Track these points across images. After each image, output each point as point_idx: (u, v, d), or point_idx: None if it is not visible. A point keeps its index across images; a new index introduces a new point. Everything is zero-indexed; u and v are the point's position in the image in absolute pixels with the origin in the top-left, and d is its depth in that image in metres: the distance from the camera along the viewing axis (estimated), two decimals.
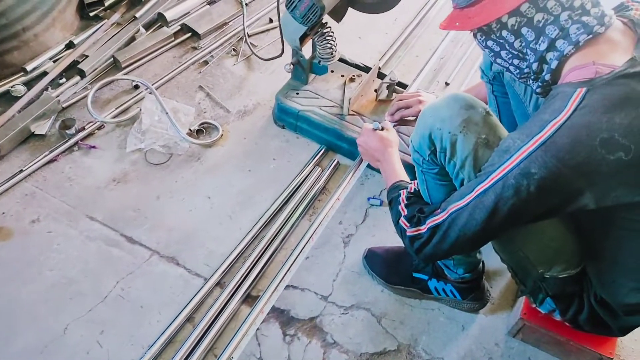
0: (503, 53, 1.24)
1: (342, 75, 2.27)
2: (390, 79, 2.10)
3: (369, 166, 2.06)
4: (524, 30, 1.17)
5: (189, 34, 2.58)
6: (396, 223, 1.36)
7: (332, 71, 2.27)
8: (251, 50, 2.47)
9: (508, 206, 1.11)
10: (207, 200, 1.94)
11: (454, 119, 1.28)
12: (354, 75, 2.24)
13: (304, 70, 2.14)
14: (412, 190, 1.43)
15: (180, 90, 2.34)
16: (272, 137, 2.18)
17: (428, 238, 1.25)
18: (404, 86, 2.22)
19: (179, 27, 2.58)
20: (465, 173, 1.27)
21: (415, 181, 1.45)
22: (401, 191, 1.43)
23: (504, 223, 1.14)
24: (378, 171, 1.96)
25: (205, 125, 2.19)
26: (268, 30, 2.67)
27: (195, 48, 2.53)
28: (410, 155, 1.43)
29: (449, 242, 1.22)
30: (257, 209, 1.92)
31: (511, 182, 1.10)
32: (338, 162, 2.09)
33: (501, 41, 1.22)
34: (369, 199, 1.99)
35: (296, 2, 1.79)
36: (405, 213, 1.35)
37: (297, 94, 2.16)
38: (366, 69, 2.29)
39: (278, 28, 2.53)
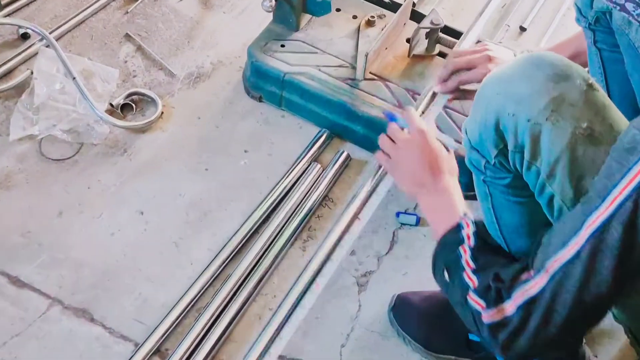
0: None
1: (355, 16, 2.24)
2: (431, 22, 2.09)
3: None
4: None
5: None
6: (462, 303, 1.30)
7: (338, 9, 2.25)
8: None
9: None
10: (138, 217, 1.94)
11: (535, 97, 1.27)
12: (373, 16, 2.23)
13: (292, 9, 2.13)
14: (474, 231, 1.40)
15: (95, 41, 2.31)
16: (243, 116, 2.17)
17: (521, 323, 1.20)
18: (454, 34, 2.21)
19: None
20: (557, 186, 1.28)
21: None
22: (461, 247, 1.39)
23: None
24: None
25: (135, 97, 2.18)
26: None
27: None
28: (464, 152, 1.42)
29: (558, 322, 1.16)
30: (220, 232, 1.91)
31: None
32: (349, 155, 2.09)
33: None
34: (398, 214, 1.99)
35: None
36: (476, 284, 1.29)
37: (283, 46, 2.15)
38: (393, 6, 2.26)
39: None
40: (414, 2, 2.27)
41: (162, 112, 2.15)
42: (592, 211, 1.12)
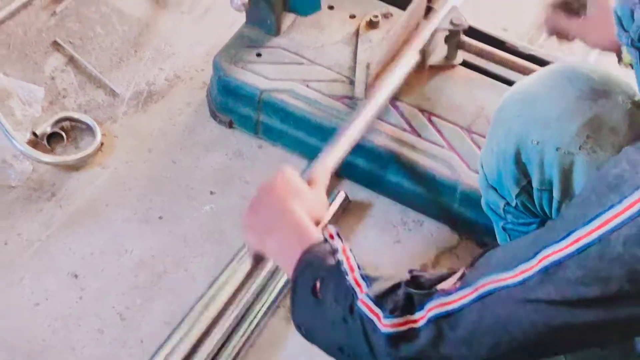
0: None
1: (353, 16, 2.26)
2: (451, 23, 2.11)
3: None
4: None
5: None
6: (342, 318, 1.30)
7: (330, 7, 2.26)
8: None
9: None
10: (71, 281, 1.94)
11: (566, 120, 1.30)
12: (376, 15, 2.24)
13: (270, 6, 2.14)
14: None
15: (13, 51, 2.32)
16: (208, 148, 2.18)
17: (431, 343, 1.22)
18: (481, 37, 2.23)
19: None
20: None
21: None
22: (341, 253, 1.37)
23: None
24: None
25: (66, 124, 2.18)
26: None
27: None
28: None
29: (483, 354, 1.20)
30: (178, 300, 1.91)
31: None
32: (347, 196, 2.10)
33: None
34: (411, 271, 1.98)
35: None
36: (366, 288, 1.30)
37: (259, 55, 2.16)
38: (402, 2, 2.27)
39: None
40: None
41: (102, 143, 2.15)
42: (549, 244, 1.15)
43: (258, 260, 1.59)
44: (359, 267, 1.33)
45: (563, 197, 1.33)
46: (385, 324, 1.25)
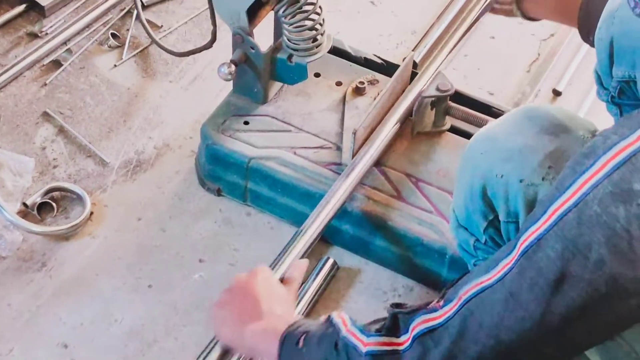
0: None
1: (339, 83, 2.29)
2: (438, 89, 2.13)
3: None
4: None
5: (22, 7, 2.61)
6: (327, 354, 1.35)
7: (317, 74, 2.29)
8: (149, 36, 2.50)
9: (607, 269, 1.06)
10: (61, 352, 1.92)
11: (528, 153, 1.33)
12: (362, 82, 2.27)
13: (257, 76, 2.16)
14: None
15: (4, 123, 2.34)
16: (197, 216, 2.18)
17: (416, 358, 1.22)
18: (468, 102, 2.24)
19: None
20: None
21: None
22: (334, 316, 1.43)
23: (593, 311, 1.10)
24: None
25: (56, 194, 2.19)
26: None
27: (35, 35, 2.56)
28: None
29: None
30: None
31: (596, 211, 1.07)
32: (335, 263, 2.10)
33: None
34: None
35: None
36: (349, 325, 1.36)
37: (247, 123, 2.18)
38: (387, 68, 2.30)
39: None
40: (415, 62, 2.31)
41: (92, 213, 2.15)
42: (527, 227, 1.14)
43: (226, 350, 1.66)
44: (351, 320, 1.37)
45: None
46: (368, 343, 1.27)
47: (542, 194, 1.31)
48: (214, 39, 2.20)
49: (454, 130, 2.22)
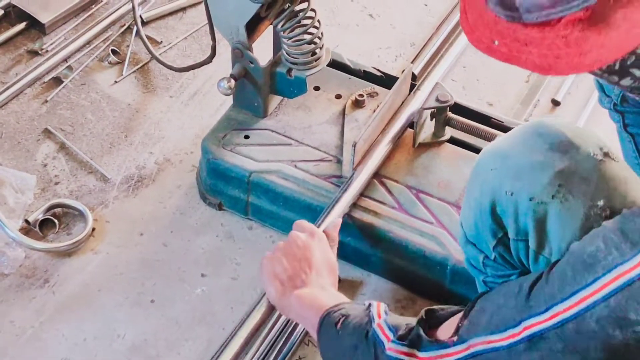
0: None
1: (338, 96, 2.28)
2: (437, 100, 2.12)
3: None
4: None
5: (23, 25, 2.62)
6: (355, 344, 1.43)
7: (316, 88, 2.29)
8: (149, 52, 2.50)
9: None
10: None
11: (538, 171, 1.33)
12: (361, 95, 2.26)
13: (257, 90, 2.16)
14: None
15: (5, 140, 2.34)
16: (199, 230, 2.18)
17: None
18: (468, 113, 2.24)
19: (2, 12, 2.62)
20: None
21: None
22: (375, 307, 1.50)
23: None
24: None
25: (58, 210, 2.19)
26: (181, 10, 2.72)
27: (36, 52, 2.57)
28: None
29: None
30: None
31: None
32: (338, 275, 2.08)
33: None
34: None
35: None
36: (385, 317, 1.43)
37: (247, 137, 2.18)
38: (386, 80, 2.30)
39: (204, 5, 2.57)
40: (413, 74, 2.30)
41: (94, 229, 2.15)
42: (531, 315, 1.20)
43: (272, 308, 1.79)
44: (386, 313, 1.47)
45: (539, 247, 1.35)
46: (390, 348, 1.35)
47: (552, 212, 1.31)
48: (213, 53, 2.20)
49: (454, 141, 2.21)
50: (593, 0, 1.01)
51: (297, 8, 1.99)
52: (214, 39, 2.14)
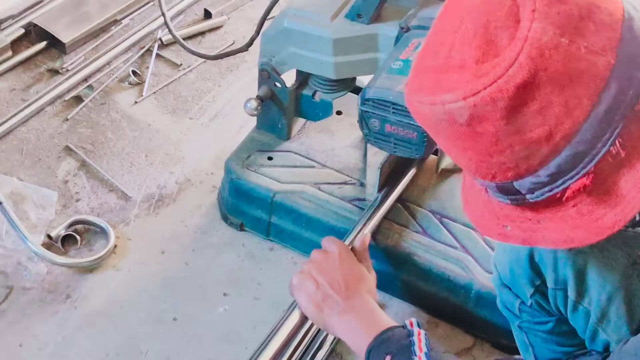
0: None
1: None
2: None
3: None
4: None
5: (44, 44, 2.65)
6: None
7: (338, 112, 2.29)
8: (180, 44, 2.57)
9: None
10: None
11: None
12: None
13: (282, 112, 2.17)
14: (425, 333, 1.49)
15: (27, 157, 2.34)
16: (220, 250, 2.18)
17: None
18: None
19: (23, 31, 2.64)
20: (612, 331, 1.30)
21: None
22: (415, 336, 1.47)
23: None
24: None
25: (80, 227, 2.19)
26: (200, 34, 2.76)
27: (56, 71, 2.59)
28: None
29: None
30: None
31: None
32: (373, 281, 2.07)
33: None
34: None
35: None
36: (423, 349, 1.41)
37: (271, 159, 2.18)
38: None
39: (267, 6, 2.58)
40: None
41: (115, 246, 2.15)
42: None
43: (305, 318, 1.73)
44: (428, 349, 1.42)
45: (578, 297, 1.33)
46: None
47: (592, 262, 1.30)
48: (251, 43, 2.19)
49: None
50: (590, 166, 0.99)
51: None
52: (258, 32, 2.14)
